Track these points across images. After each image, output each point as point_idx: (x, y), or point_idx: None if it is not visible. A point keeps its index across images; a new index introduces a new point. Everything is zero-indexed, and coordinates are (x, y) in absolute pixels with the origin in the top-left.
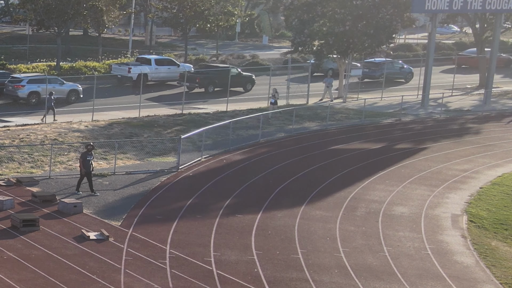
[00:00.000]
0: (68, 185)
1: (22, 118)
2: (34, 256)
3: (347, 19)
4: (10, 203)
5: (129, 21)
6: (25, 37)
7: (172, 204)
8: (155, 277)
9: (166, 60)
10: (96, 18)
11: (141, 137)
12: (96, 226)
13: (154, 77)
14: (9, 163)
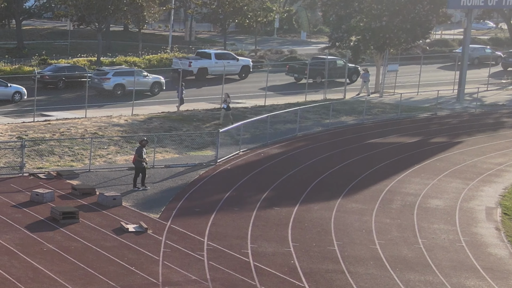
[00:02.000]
0: (108, 178)
1: (66, 112)
2: (73, 248)
3: (383, 14)
4: (50, 196)
5: (169, 16)
6: (66, 33)
7: (210, 197)
8: (193, 268)
9: (225, 54)
10: (136, 14)
11: (180, 131)
12: (135, 218)
13: (214, 71)
14: (49, 157)
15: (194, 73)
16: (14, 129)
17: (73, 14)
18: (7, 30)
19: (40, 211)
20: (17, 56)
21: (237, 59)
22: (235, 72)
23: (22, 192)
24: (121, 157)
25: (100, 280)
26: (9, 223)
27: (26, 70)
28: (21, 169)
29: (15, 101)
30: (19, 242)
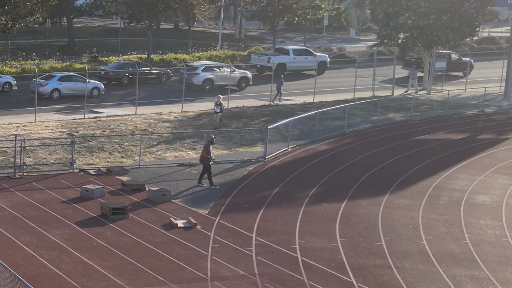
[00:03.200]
0: (157, 174)
1: (117, 108)
2: (122, 244)
3: (431, 12)
4: (100, 191)
5: (218, 14)
6: (117, 30)
7: (259, 193)
8: (241, 263)
9: (303, 50)
10: (187, 12)
11: (229, 127)
12: (184, 214)
13: (292, 67)
14: (99, 153)
15: (273, 69)
16: (65, 125)
17: (123, 12)
18: (59, 28)
19: (90, 207)
20: (68, 53)
21: (314, 55)
22: (312, 68)
23: (72, 188)
24: (170, 154)
25: (149, 275)
26: (59, 219)
27: (77, 67)
28: (72, 165)
29: (94, 96)
30: (69, 238)
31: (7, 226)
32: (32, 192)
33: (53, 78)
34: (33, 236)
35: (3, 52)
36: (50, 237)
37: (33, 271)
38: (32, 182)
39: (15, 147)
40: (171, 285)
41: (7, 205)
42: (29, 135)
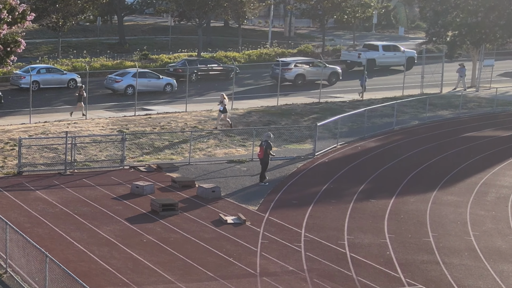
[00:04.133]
0: (207, 171)
1: (167, 106)
2: (172, 240)
3: (479, 10)
4: (150, 188)
5: (268, 12)
6: (167, 29)
7: (308, 189)
8: (290, 259)
9: (392, 46)
10: (236, 10)
11: (278, 124)
12: (233, 210)
13: (381, 62)
14: (150, 150)
15: (363, 64)
16: (115, 122)
17: (174, 10)
18: (109, 26)
19: (140, 203)
20: (118, 51)
21: (403, 51)
22: (401, 63)
23: (122, 185)
24: (220, 151)
25: (198, 271)
26: (110, 215)
27: (128, 65)
28: (122, 162)
29: (167, 92)
30: (119, 234)
31: (58, 223)
32: (83, 188)
33: (127, 74)
34: (83, 232)
35: (54, 50)
36: (101, 233)
37: (84, 267)
38: (82, 178)
39: (65, 144)
40: (220, 280)
41: (58, 201)
42: (80, 132)
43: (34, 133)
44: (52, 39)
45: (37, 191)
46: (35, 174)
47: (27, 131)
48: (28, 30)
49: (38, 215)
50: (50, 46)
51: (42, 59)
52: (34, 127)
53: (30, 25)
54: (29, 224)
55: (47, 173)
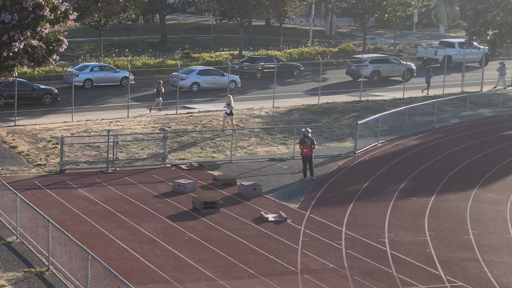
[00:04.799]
0: (248, 169)
1: (205, 105)
2: (214, 237)
3: None
4: (192, 186)
5: (309, 11)
6: (209, 27)
7: (349, 187)
8: (331, 257)
9: (467, 43)
10: (278, 9)
11: (319, 123)
12: (274, 208)
13: (458, 59)
14: (191, 148)
15: (440, 61)
16: (157, 121)
17: (215, 9)
18: (151, 24)
19: (182, 201)
20: (160, 50)
21: (478, 48)
22: (476, 60)
23: (164, 183)
24: (261, 149)
25: (240, 268)
26: (152, 213)
27: (169, 63)
28: (164, 160)
29: (231, 90)
30: (161, 231)
31: (100, 220)
32: (125, 186)
33: (192, 72)
34: (125, 230)
35: (96, 48)
36: (143, 231)
37: (126, 265)
38: (124, 176)
39: (107, 142)
40: (261, 278)
41: (100, 199)
42: (122, 130)
43: (76, 131)
44: (94, 38)
45: (79, 189)
46: (77, 172)
47: (69, 129)
48: (71, 29)
49: (80, 213)
50: (92, 45)
51: (84, 57)
52: (76, 125)
53: (73, 24)
54: (71, 222)
55: (89, 171)
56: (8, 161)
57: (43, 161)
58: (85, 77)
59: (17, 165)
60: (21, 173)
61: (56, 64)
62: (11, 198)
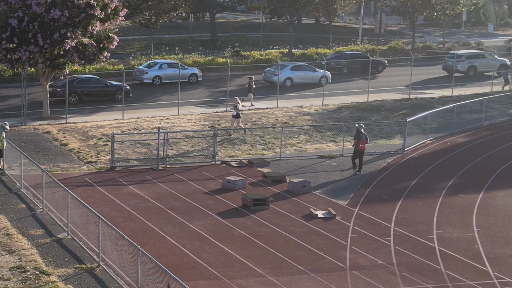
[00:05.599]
0: (298, 166)
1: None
2: (263, 234)
3: None
4: (242, 183)
5: (359, 9)
6: (258, 25)
7: (397, 184)
8: (379, 253)
9: None
10: (327, 7)
11: (368, 120)
12: (323, 205)
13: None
14: (241, 145)
15: None
16: (207, 118)
17: (265, 7)
18: (202, 23)
19: (232, 198)
20: (210, 48)
21: None
22: None
23: (214, 180)
24: (310, 146)
25: (289, 265)
26: (202, 210)
27: (220, 61)
28: (214, 157)
29: (321, 85)
30: (211, 228)
31: (151, 217)
32: (175, 183)
33: (285, 67)
34: (175, 227)
35: (147, 46)
36: (192, 227)
37: (176, 261)
38: (175, 173)
39: (158, 139)
40: (310, 274)
41: (150, 196)
42: (172, 128)
43: (127, 128)
44: (144, 36)
45: (130, 186)
46: (128, 169)
47: (119, 126)
48: (121, 27)
49: (130, 210)
50: (142, 43)
51: (135, 56)
52: (127, 122)
53: (123, 22)
54: (122, 219)
55: (140, 168)
56: (59, 158)
57: (93, 158)
58: (154, 74)
59: (68, 162)
60: (72, 170)
61: (107, 62)
62: (62, 195)
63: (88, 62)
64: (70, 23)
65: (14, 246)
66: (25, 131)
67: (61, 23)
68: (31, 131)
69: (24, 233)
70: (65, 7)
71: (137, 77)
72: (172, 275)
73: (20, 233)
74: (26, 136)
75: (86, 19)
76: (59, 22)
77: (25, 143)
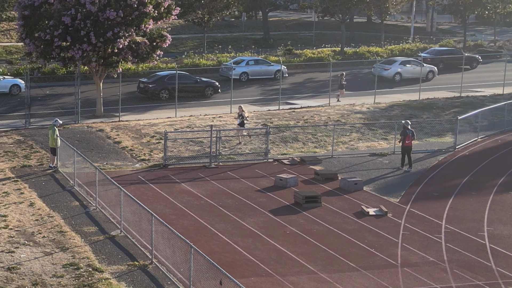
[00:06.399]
0: (349, 164)
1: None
2: (315, 231)
3: None
4: (294, 180)
5: (411, 8)
6: (311, 24)
7: (448, 182)
8: (431, 250)
9: None
10: (379, 5)
11: (420, 118)
12: (375, 202)
13: None
14: (293, 143)
15: None
16: (260, 116)
17: (317, 6)
18: (254, 21)
19: (284, 195)
20: (263, 46)
21: None
22: None
23: (266, 177)
24: (362, 144)
25: (340, 262)
26: (254, 207)
27: (272, 60)
28: (266, 155)
29: (428, 79)
30: (263, 225)
31: (203, 214)
32: (227, 181)
33: (395, 63)
34: (228, 224)
35: (199, 45)
36: (245, 224)
37: (228, 258)
38: (227, 171)
39: (210, 137)
40: (362, 271)
41: (203, 193)
42: (225, 126)
43: (180, 126)
44: (197, 34)
45: (182, 184)
46: (180, 167)
47: (172, 124)
48: (174, 26)
49: (183, 207)
50: (195, 41)
51: (188, 54)
52: (180, 120)
53: (176, 20)
54: (175, 216)
55: (192, 166)
56: (112, 156)
57: (146, 156)
58: (241, 70)
59: (121, 160)
60: (125, 168)
61: (160, 60)
62: (115, 193)
63: (141, 60)
64: (123, 21)
65: (67, 243)
66: (79, 129)
67: (115, 22)
68: (85, 129)
69: (77, 231)
70: (118, 6)
71: (224, 73)
72: (224, 272)
73: (74, 230)
74: (79, 134)
75: (139, 18)
76: (113, 21)
77: (79, 141)
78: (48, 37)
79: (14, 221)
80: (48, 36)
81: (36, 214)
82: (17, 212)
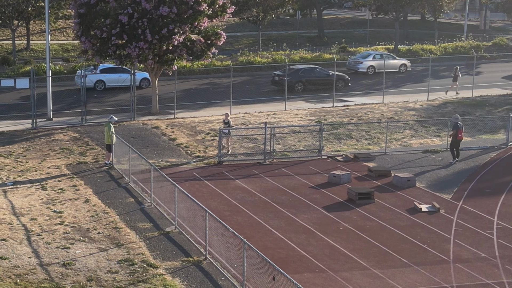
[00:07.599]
0: (402, 161)
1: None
2: (368, 227)
3: None
4: (347, 177)
5: (464, 6)
6: (365, 22)
7: (501, 178)
8: (483, 246)
9: None
10: (433, 3)
11: (472, 115)
12: (427, 199)
13: None
14: (347, 140)
15: None
16: (314, 114)
17: (371, 4)
18: (309, 19)
19: (337, 192)
20: (317, 44)
21: None
22: None
23: (320, 174)
24: (415, 141)
25: (393, 258)
26: (308, 204)
27: (326, 57)
28: (320, 152)
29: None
30: (316, 222)
31: (257, 211)
32: (281, 177)
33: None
34: (281, 220)
35: (254, 43)
36: (298, 221)
37: (281, 254)
38: (281, 168)
39: (265, 134)
40: (414, 267)
41: (257, 190)
42: (279, 123)
43: (234, 124)
44: (252, 32)
45: (237, 180)
46: (235, 164)
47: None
48: (229, 24)
49: (237, 204)
50: (250, 39)
51: (243, 52)
52: (235, 117)
53: (231, 18)
54: (229, 212)
55: (247, 163)
56: (168, 153)
57: (201, 153)
58: (368, 64)
59: (176, 157)
60: (180, 165)
61: (215, 58)
62: (170, 189)
63: (196, 58)
64: (178, 19)
65: (122, 239)
66: (134, 126)
67: (169, 19)
68: (140, 126)
69: (132, 227)
70: (173, 3)
71: (352, 66)
72: (277, 268)
73: (129, 226)
74: (134, 131)
75: (194, 15)
76: (167, 19)
77: (134, 138)
78: (104, 35)
79: (70, 218)
80: (105, 34)
81: (91, 211)
82: (73, 209)
